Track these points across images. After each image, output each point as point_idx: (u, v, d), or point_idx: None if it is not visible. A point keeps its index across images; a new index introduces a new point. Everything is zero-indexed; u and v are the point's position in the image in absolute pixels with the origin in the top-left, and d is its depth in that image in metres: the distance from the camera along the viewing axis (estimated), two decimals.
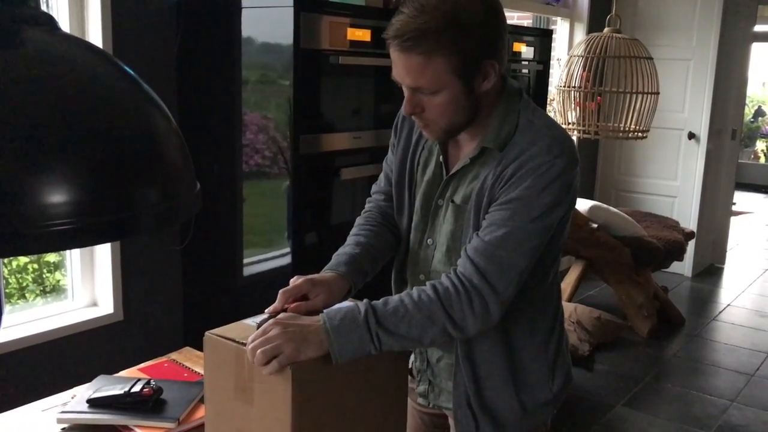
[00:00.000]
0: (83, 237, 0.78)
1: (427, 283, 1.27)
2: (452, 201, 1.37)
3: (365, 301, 1.22)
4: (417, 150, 1.45)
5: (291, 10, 2.16)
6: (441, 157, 1.40)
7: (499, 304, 1.25)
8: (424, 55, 1.20)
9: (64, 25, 2.29)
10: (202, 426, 1.34)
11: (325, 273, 1.35)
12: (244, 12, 2.33)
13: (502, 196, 1.26)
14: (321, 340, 1.15)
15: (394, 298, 1.23)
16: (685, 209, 5.24)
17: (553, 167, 1.24)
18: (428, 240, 1.43)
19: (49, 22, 0.83)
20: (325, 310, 1.21)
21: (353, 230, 1.49)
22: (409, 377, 1.50)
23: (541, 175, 1.24)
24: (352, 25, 2.36)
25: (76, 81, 0.80)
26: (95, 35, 2.33)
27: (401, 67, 1.24)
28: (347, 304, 1.27)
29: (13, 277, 2.47)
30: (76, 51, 0.86)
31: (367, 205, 1.58)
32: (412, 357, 1.55)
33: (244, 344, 1.15)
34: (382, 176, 1.59)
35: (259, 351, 1.10)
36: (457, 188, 1.37)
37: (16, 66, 0.76)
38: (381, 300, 1.23)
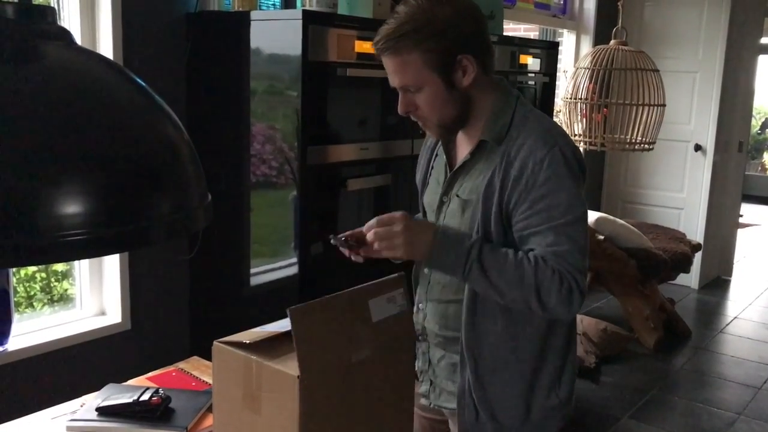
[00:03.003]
0: (96, 248, 0.78)
1: (530, 253, 1.34)
2: (457, 196, 1.46)
3: (480, 235, 1.37)
4: (432, 157, 1.60)
5: (300, 23, 2.18)
6: (445, 158, 1.53)
7: (580, 296, 1.33)
8: (402, 55, 1.36)
9: (76, 37, 2.31)
10: None
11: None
12: (253, 24, 2.36)
13: (526, 201, 1.34)
14: (426, 249, 1.34)
15: (503, 249, 1.35)
16: (691, 221, 5.24)
17: (554, 157, 1.34)
18: None
19: (65, 36, 0.84)
20: (442, 226, 1.41)
21: None
22: None
23: (548, 167, 1.33)
24: (360, 38, 2.38)
25: (90, 94, 0.82)
26: (106, 46, 2.36)
27: (388, 70, 1.41)
28: (464, 232, 1.41)
29: (21, 285, 2.49)
30: (90, 64, 0.87)
31: None
32: None
33: (253, 354, 1.16)
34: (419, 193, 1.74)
35: (378, 241, 1.32)
36: (462, 184, 1.46)
37: (32, 79, 0.78)
38: (489, 244, 1.36)
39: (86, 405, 1.53)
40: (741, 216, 6.26)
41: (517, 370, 1.45)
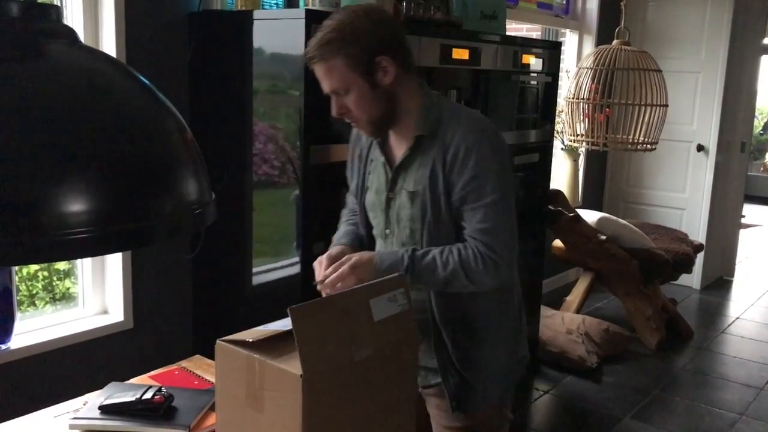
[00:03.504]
0: (100, 246, 0.79)
1: (457, 245, 1.55)
2: (404, 189, 1.61)
3: (409, 251, 1.55)
4: (368, 161, 1.72)
5: (302, 23, 2.18)
6: (383, 158, 1.66)
7: (506, 266, 1.55)
8: (329, 61, 1.51)
9: (79, 35, 2.31)
10: None
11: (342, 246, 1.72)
12: (255, 24, 2.36)
13: (459, 182, 1.53)
14: (373, 276, 1.49)
15: (429, 255, 1.54)
16: (693, 221, 5.23)
17: (483, 141, 1.53)
18: (386, 231, 1.68)
19: (70, 35, 0.85)
20: (378, 254, 1.58)
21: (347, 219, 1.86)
22: None
23: (478, 150, 1.51)
24: None
25: (95, 92, 0.82)
26: (109, 45, 2.36)
27: (319, 78, 1.55)
28: (398, 251, 1.58)
29: (23, 284, 2.49)
30: (95, 63, 0.88)
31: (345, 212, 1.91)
32: None
33: (255, 352, 1.16)
34: (349, 198, 1.89)
35: (331, 288, 1.53)
36: (406, 178, 1.61)
37: (37, 78, 0.78)
38: (421, 251, 1.55)
39: (89, 403, 1.54)
40: (743, 216, 6.25)
41: (481, 330, 1.64)
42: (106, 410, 1.48)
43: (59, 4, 2.32)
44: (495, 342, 1.66)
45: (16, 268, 2.33)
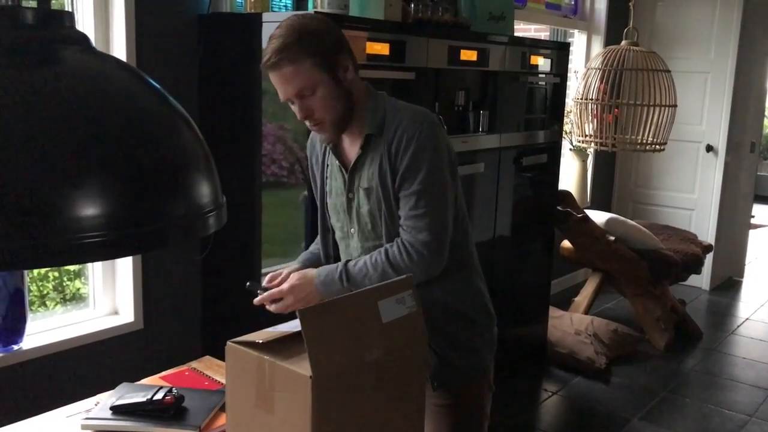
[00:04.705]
0: (113, 249, 0.79)
1: (384, 247, 1.62)
2: (360, 187, 1.66)
3: (343, 262, 1.65)
4: (324, 168, 1.77)
5: None
6: (337, 162, 1.70)
7: (434, 256, 1.59)
8: (293, 63, 1.53)
9: (92, 41, 2.33)
10: None
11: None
12: (264, 26, 2.37)
13: (399, 171, 1.58)
14: (315, 293, 1.64)
15: (361, 261, 1.63)
16: (702, 222, 5.21)
17: (422, 132, 1.57)
18: (351, 230, 1.73)
19: (83, 40, 0.86)
20: (317, 270, 1.68)
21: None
22: None
23: (416, 140, 1.57)
24: (371, 39, 2.39)
25: (108, 97, 0.83)
26: (119, 48, 2.38)
27: (282, 83, 1.56)
28: (333, 266, 1.68)
29: (34, 284, 2.51)
30: (108, 68, 0.89)
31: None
32: None
33: (265, 354, 1.17)
34: (318, 210, 1.91)
35: (276, 310, 1.66)
36: (361, 177, 1.66)
37: (51, 83, 0.79)
38: (353, 260, 1.65)
39: (101, 404, 1.55)
40: (753, 217, 6.22)
41: (445, 313, 1.68)
42: (118, 411, 1.49)
43: (71, 10, 2.34)
44: (466, 320, 1.71)
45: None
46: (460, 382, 1.72)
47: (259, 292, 1.72)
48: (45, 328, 2.40)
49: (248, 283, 1.75)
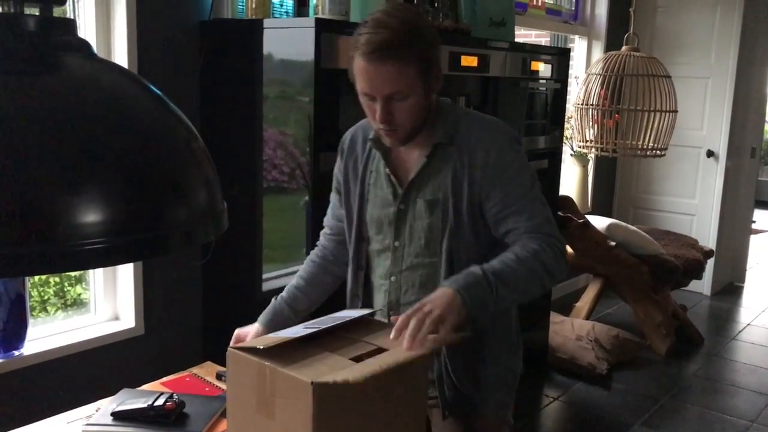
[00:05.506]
0: (115, 256, 0.80)
1: (514, 246, 1.45)
2: (420, 199, 1.54)
3: (472, 266, 1.40)
4: (366, 173, 1.63)
5: (312, 31, 2.20)
6: (388, 169, 1.58)
7: (565, 247, 1.49)
8: (398, 63, 1.39)
9: (93, 48, 2.34)
10: None
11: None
12: (266, 32, 2.37)
13: (496, 189, 1.48)
14: (457, 302, 1.33)
15: (495, 261, 1.42)
16: (703, 227, 5.21)
17: (512, 145, 1.51)
18: (395, 243, 1.59)
19: (85, 48, 0.86)
20: (445, 281, 1.41)
21: (301, 269, 1.77)
22: None
23: (508, 154, 1.49)
24: None
25: (109, 104, 0.83)
26: (121, 54, 2.39)
27: (377, 78, 1.41)
28: (470, 276, 1.40)
29: (35, 290, 2.51)
30: (110, 75, 0.89)
31: (316, 247, 1.82)
32: None
33: (266, 360, 1.17)
34: (329, 210, 1.79)
35: (417, 340, 1.26)
36: (421, 187, 1.54)
37: (53, 90, 0.80)
38: (484, 264, 1.41)
39: (101, 410, 1.55)
40: (754, 222, 6.21)
41: (487, 345, 1.59)
42: (119, 416, 1.49)
43: (73, 17, 2.34)
44: (492, 355, 1.61)
45: None
46: (477, 412, 1.61)
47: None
48: (46, 334, 2.40)
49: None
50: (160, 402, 1.50)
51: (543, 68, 3.41)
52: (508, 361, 1.66)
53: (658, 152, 3.75)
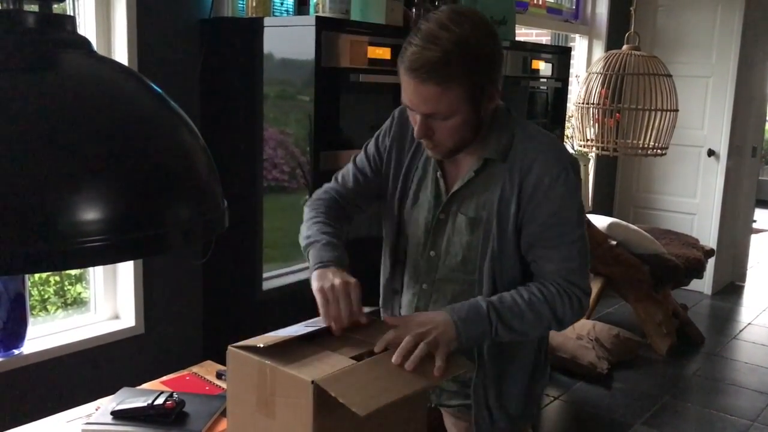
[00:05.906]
0: (115, 254, 0.79)
1: (532, 285, 1.40)
2: (462, 214, 1.44)
3: (480, 297, 1.38)
4: (411, 168, 1.52)
5: (313, 29, 2.19)
6: (439, 173, 1.47)
7: (588, 300, 1.43)
8: (441, 86, 1.28)
9: (93, 45, 2.34)
10: None
11: (339, 269, 1.41)
12: (266, 31, 2.37)
13: (539, 216, 1.39)
14: (451, 334, 1.30)
15: (507, 297, 1.38)
16: (704, 227, 5.21)
17: (568, 175, 1.39)
18: (431, 252, 1.49)
19: (85, 45, 0.86)
20: (449, 307, 1.36)
21: (319, 218, 1.55)
22: None
23: (562, 185, 1.38)
24: (372, 44, 2.39)
25: (110, 101, 0.83)
26: (121, 52, 2.38)
27: (416, 96, 1.32)
28: (468, 302, 1.38)
29: (35, 289, 2.51)
30: (109, 72, 0.89)
31: (324, 194, 1.63)
32: None
33: (267, 358, 1.17)
34: (351, 174, 1.61)
35: (410, 361, 1.21)
36: (464, 201, 1.44)
37: (52, 88, 0.79)
38: (495, 297, 1.38)
39: (101, 408, 1.55)
40: (754, 221, 6.21)
41: (528, 366, 1.54)
42: (118, 415, 1.49)
43: (73, 14, 2.34)
44: (525, 382, 1.55)
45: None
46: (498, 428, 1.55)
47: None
48: (46, 333, 2.40)
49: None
50: (160, 401, 1.50)
51: (544, 67, 3.41)
52: (534, 384, 1.58)
53: (658, 151, 3.74)
